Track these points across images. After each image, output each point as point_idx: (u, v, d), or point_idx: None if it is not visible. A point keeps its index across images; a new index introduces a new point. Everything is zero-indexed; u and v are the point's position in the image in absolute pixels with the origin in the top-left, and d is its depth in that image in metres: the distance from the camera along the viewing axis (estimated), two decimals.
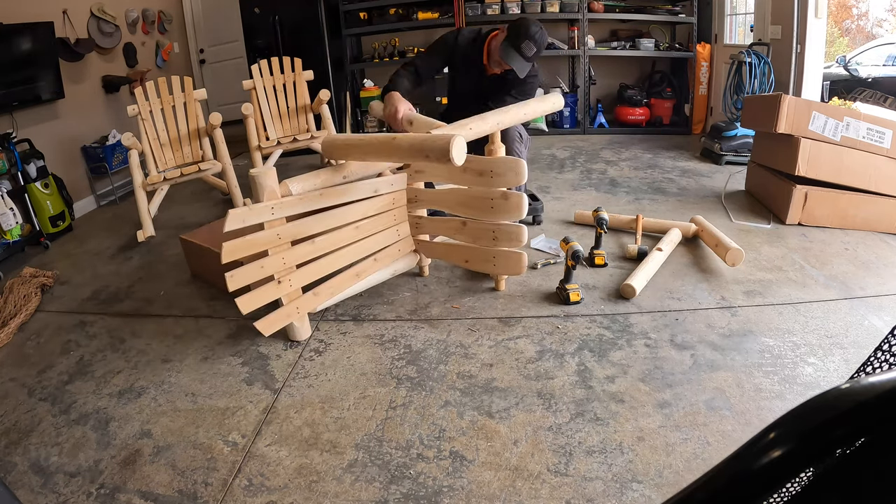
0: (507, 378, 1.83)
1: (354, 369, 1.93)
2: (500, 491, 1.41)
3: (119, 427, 1.75)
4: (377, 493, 1.43)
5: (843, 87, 5.26)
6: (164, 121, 3.56)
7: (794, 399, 1.66)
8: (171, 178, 3.36)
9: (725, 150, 3.93)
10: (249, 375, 1.94)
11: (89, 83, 4.13)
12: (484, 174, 2.13)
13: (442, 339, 2.07)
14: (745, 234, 2.80)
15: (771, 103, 2.87)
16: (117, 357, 2.14)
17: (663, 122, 5.05)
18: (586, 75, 4.97)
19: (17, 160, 3.26)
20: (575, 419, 1.63)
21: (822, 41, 3.70)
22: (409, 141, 1.91)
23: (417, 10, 5.05)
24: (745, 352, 1.89)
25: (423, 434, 1.62)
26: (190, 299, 2.53)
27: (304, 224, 2.05)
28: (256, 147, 3.91)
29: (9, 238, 3.08)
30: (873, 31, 11.23)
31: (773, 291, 2.26)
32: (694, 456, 1.48)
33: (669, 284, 2.35)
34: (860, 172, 2.77)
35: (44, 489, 1.53)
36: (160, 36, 5.07)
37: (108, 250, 3.22)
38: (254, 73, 3.96)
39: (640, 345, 1.97)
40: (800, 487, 0.43)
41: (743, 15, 4.64)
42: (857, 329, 1.98)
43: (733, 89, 3.97)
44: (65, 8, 3.84)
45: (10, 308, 2.47)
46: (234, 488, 1.48)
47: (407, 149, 1.90)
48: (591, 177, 3.85)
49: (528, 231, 2.20)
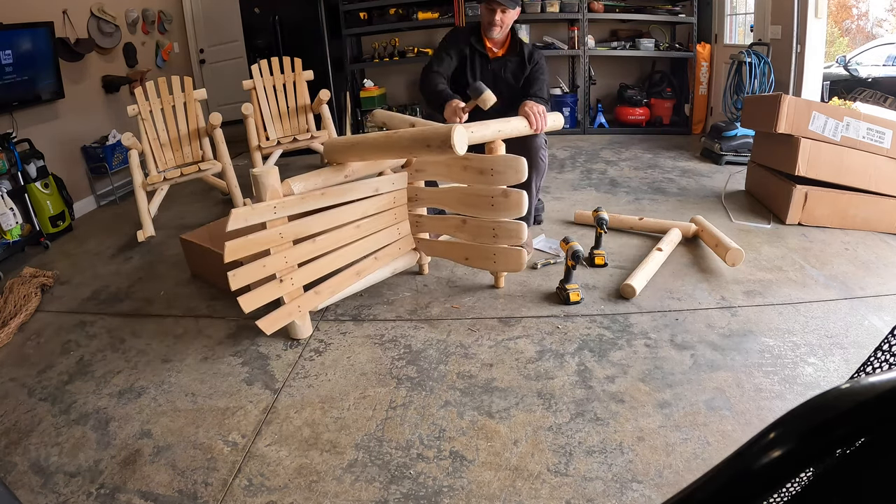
0: (507, 378, 1.83)
1: (354, 369, 1.93)
2: (500, 491, 1.41)
3: (119, 427, 1.75)
4: (377, 493, 1.43)
5: (843, 87, 5.26)
6: (164, 121, 3.56)
7: (794, 399, 1.66)
8: (171, 178, 3.36)
9: (725, 150, 3.93)
10: (249, 375, 1.94)
11: (89, 83, 4.13)
12: (485, 172, 2.13)
13: (442, 339, 2.07)
14: (745, 234, 2.80)
15: (771, 103, 2.87)
16: (117, 357, 2.14)
17: (663, 122, 5.04)
18: (586, 75, 4.97)
19: (17, 160, 3.26)
20: (575, 419, 1.63)
21: (822, 41, 3.70)
22: (411, 134, 1.91)
23: (417, 10, 5.05)
24: (745, 352, 1.89)
25: (423, 434, 1.62)
26: (190, 299, 2.53)
27: (306, 223, 2.06)
28: (256, 147, 3.91)
29: (9, 238, 3.08)
30: (873, 31, 11.24)
31: (773, 291, 2.26)
32: (694, 456, 1.48)
33: (669, 284, 2.35)
34: (860, 172, 2.77)
35: (44, 489, 1.53)
36: (160, 36, 5.07)
37: (108, 250, 3.22)
38: (254, 73, 3.96)
39: (640, 345, 1.97)
40: (800, 487, 0.43)
41: (743, 15, 4.64)
42: (857, 329, 1.98)
43: (733, 89, 3.97)
44: (65, 8, 3.84)
45: (10, 308, 2.47)
46: (234, 488, 1.48)
47: (409, 141, 1.91)
48: (591, 177, 3.85)
49: (528, 229, 2.20)
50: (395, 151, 2.03)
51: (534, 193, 2.68)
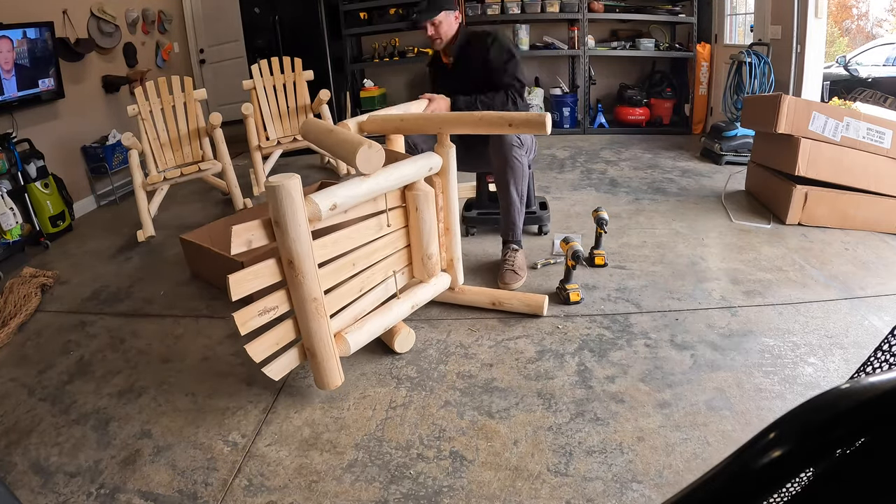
0: (507, 378, 1.83)
1: (354, 369, 1.93)
2: (500, 491, 1.41)
3: (119, 427, 1.75)
4: (377, 493, 1.43)
5: (843, 87, 5.26)
6: (164, 121, 3.57)
7: (794, 399, 1.66)
8: (171, 178, 3.36)
9: (725, 150, 3.93)
10: (249, 375, 1.94)
11: (89, 83, 4.13)
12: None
13: (442, 339, 2.07)
14: (745, 234, 2.80)
15: (771, 103, 2.87)
16: (117, 357, 2.14)
17: (663, 122, 5.04)
18: (586, 75, 4.97)
19: (17, 160, 3.26)
20: (575, 419, 1.63)
21: (822, 41, 3.69)
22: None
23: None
24: (745, 352, 1.89)
25: (423, 434, 1.62)
26: (190, 299, 2.53)
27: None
28: (256, 147, 3.91)
29: (9, 238, 3.08)
30: (873, 31, 11.23)
31: (773, 291, 2.26)
32: (694, 456, 1.48)
33: (669, 284, 2.35)
34: (860, 172, 2.77)
35: (44, 489, 1.53)
36: (160, 36, 5.07)
37: (108, 250, 3.22)
38: (254, 73, 3.96)
39: (640, 345, 1.97)
40: (800, 487, 0.43)
41: (743, 15, 4.64)
42: (857, 329, 1.98)
43: (733, 89, 3.97)
44: (65, 8, 3.84)
45: (10, 308, 2.47)
46: (234, 488, 1.48)
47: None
48: (591, 177, 3.85)
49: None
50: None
51: (514, 197, 2.39)
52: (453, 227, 2.12)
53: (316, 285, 1.62)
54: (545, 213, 2.91)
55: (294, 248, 1.55)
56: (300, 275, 1.58)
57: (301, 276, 1.58)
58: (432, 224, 1.98)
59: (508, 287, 2.36)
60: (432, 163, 1.95)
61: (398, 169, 1.82)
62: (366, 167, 1.63)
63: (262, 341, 1.66)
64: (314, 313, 1.64)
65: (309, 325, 1.65)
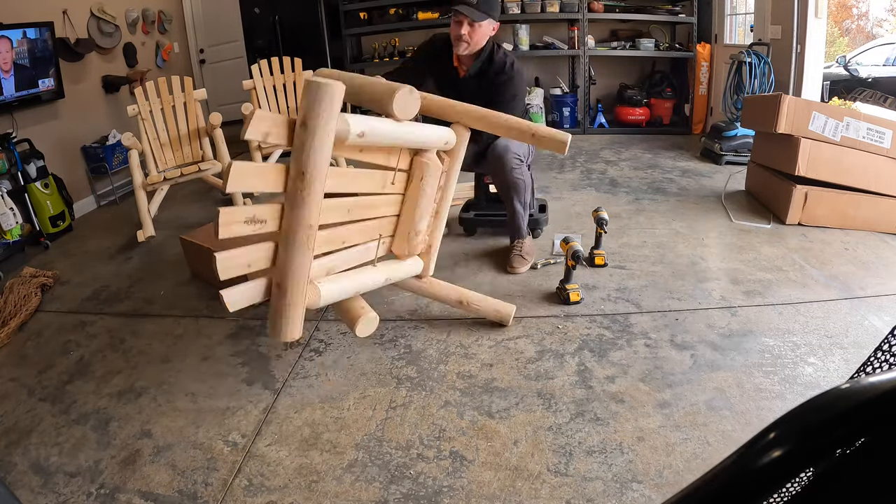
0: (507, 378, 1.83)
1: (354, 369, 1.93)
2: (500, 491, 1.41)
3: (119, 427, 1.75)
4: (377, 493, 1.43)
5: (843, 87, 5.26)
6: (164, 121, 3.56)
7: (794, 399, 1.66)
8: (171, 178, 3.36)
9: (725, 150, 3.93)
10: (249, 375, 1.94)
11: (89, 83, 4.13)
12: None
13: (442, 339, 2.07)
14: (745, 234, 2.80)
15: (771, 103, 2.87)
16: (117, 357, 2.14)
17: (663, 122, 5.04)
18: (586, 75, 4.97)
19: (17, 160, 3.26)
20: (575, 419, 1.63)
21: (822, 41, 3.70)
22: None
23: (417, 10, 5.05)
24: (745, 352, 1.89)
25: (423, 434, 1.62)
26: (190, 299, 2.53)
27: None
28: (256, 147, 3.91)
29: (9, 238, 3.08)
30: (873, 31, 11.24)
31: (773, 291, 2.26)
32: (694, 456, 1.48)
33: (669, 284, 2.35)
34: (860, 172, 2.77)
35: (44, 489, 1.53)
36: (160, 36, 5.06)
37: (108, 250, 3.22)
38: (254, 73, 3.96)
39: (640, 345, 1.97)
40: (800, 487, 0.43)
41: (743, 15, 4.64)
42: (857, 329, 1.98)
43: (733, 89, 3.97)
44: (65, 8, 3.84)
45: (10, 308, 2.47)
46: (234, 488, 1.48)
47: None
48: (591, 177, 3.85)
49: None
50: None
51: (518, 209, 2.50)
52: (443, 213, 2.04)
53: (316, 211, 1.48)
54: (543, 216, 2.89)
55: (312, 157, 1.39)
56: (306, 191, 1.42)
57: (307, 193, 1.42)
58: (430, 199, 1.92)
59: (515, 272, 2.48)
60: (449, 137, 1.89)
61: (423, 128, 1.80)
62: (402, 112, 1.59)
63: (234, 255, 1.49)
64: (302, 243, 1.47)
65: (293, 255, 1.48)
